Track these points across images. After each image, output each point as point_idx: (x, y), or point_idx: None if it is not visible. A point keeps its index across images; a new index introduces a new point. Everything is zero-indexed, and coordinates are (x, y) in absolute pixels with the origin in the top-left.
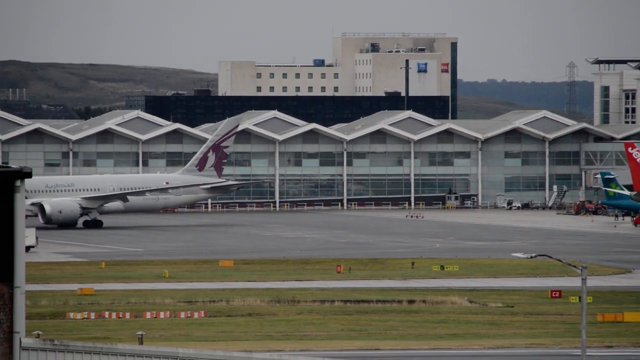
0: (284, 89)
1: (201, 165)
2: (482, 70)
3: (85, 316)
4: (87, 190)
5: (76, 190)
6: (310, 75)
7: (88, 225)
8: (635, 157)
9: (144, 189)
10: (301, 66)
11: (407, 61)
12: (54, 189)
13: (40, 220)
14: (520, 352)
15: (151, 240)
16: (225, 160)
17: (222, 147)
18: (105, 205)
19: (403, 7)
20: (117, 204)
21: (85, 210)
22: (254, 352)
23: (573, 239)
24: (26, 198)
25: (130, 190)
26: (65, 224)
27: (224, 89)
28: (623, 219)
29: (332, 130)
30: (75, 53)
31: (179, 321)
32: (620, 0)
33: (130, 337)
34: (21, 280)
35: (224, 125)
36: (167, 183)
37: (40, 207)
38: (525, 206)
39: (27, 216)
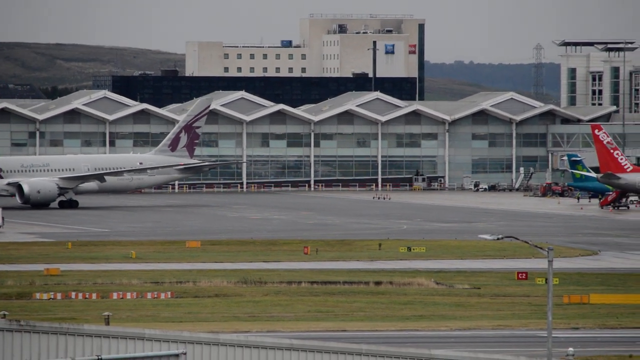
0: (252, 69)
1: (174, 145)
2: (449, 51)
3: (52, 297)
4: (62, 170)
5: (51, 170)
6: (278, 56)
7: (64, 205)
8: (602, 139)
9: (121, 169)
10: (269, 47)
11: (374, 42)
12: (30, 169)
13: (17, 200)
14: (487, 334)
15: (118, 221)
16: (197, 141)
17: (194, 127)
18: (80, 185)
19: None
20: (91, 184)
21: (62, 191)
22: (220, 333)
23: (540, 220)
24: (1, 178)
25: (105, 171)
26: (43, 204)
27: (191, 69)
28: (589, 201)
29: (299, 111)
30: (41, 32)
31: (146, 302)
32: None
33: (97, 317)
34: None
35: (195, 106)
36: (140, 163)
37: (18, 187)
38: (492, 188)
39: (3, 196)
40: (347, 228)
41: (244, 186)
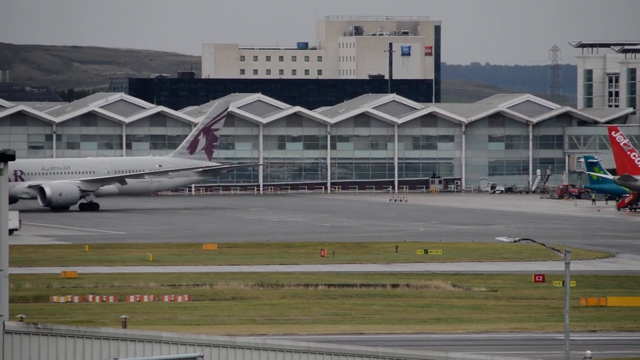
0: (268, 71)
1: (192, 148)
2: (465, 53)
3: (69, 299)
4: (83, 173)
5: (72, 173)
6: (294, 58)
7: (84, 208)
8: (619, 141)
9: (141, 172)
10: (285, 49)
11: (390, 44)
12: (50, 172)
13: (39, 202)
14: (504, 337)
15: (135, 224)
16: (215, 143)
17: (212, 129)
18: (100, 188)
19: None
20: (112, 187)
21: (83, 193)
22: (237, 336)
23: (556, 223)
24: (22, 180)
25: (124, 173)
26: (64, 206)
27: (208, 71)
28: (606, 203)
29: (315, 114)
30: (58, 35)
31: (163, 305)
32: None
33: (114, 320)
34: (4, 264)
35: (214, 108)
36: (160, 166)
37: (40, 189)
38: (509, 190)
39: (24, 198)
40: (363, 230)
41: (261, 188)
